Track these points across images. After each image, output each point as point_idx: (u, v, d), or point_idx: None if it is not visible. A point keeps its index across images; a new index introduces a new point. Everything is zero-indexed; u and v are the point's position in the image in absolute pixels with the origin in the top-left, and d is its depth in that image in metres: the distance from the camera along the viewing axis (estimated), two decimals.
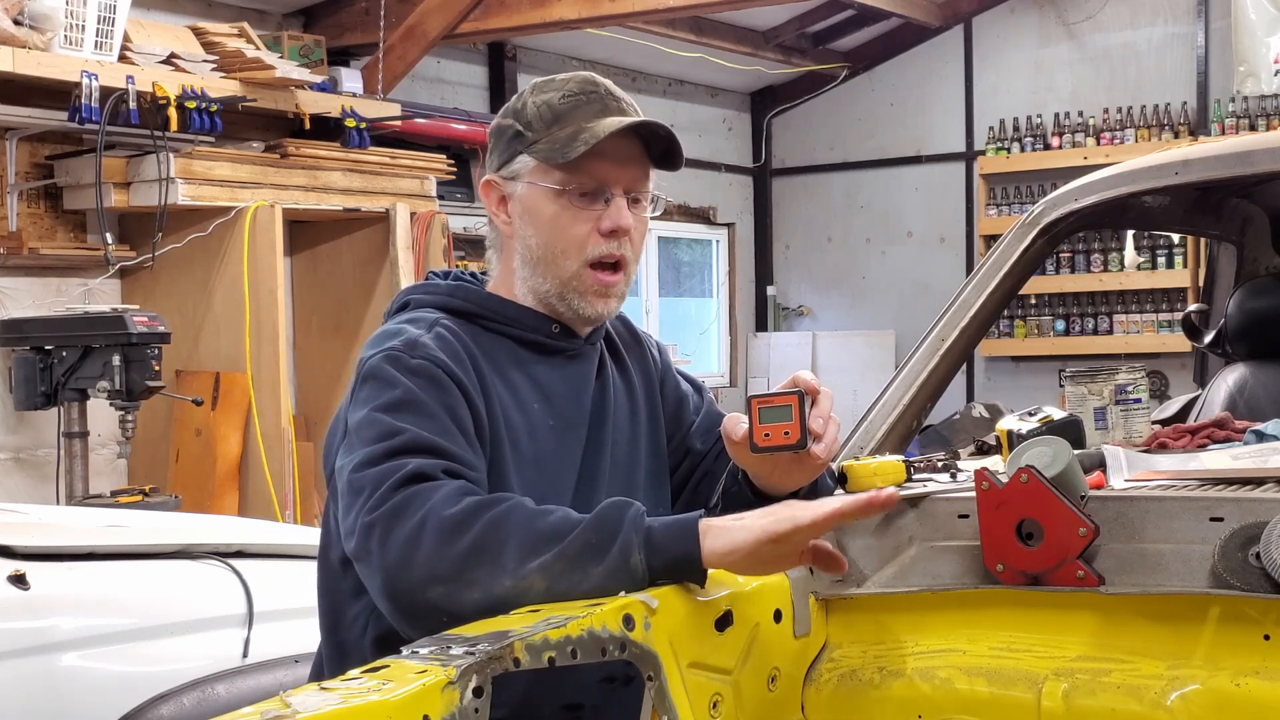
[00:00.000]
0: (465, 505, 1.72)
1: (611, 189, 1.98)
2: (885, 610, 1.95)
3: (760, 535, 1.73)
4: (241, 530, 3.63)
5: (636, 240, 2.02)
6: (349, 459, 1.83)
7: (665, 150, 2.02)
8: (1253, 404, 3.27)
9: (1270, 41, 8.99)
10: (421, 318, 1.98)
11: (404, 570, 1.70)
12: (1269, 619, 1.70)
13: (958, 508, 1.98)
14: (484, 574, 1.68)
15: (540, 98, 2.02)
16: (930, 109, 10.52)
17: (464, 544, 1.69)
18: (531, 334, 2.02)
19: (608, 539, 1.70)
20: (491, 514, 1.71)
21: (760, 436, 1.87)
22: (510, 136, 2.03)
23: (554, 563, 1.68)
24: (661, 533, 1.73)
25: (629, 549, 1.70)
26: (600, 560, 1.69)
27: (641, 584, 1.70)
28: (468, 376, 1.91)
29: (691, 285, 11.22)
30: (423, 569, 1.69)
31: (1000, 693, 1.80)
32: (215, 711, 2.58)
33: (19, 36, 5.34)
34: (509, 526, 1.70)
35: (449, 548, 1.69)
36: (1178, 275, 9.36)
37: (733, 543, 1.73)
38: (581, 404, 2.04)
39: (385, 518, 1.73)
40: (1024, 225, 2.76)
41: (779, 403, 1.88)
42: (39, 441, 5.85)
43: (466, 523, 1.70)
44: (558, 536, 1.70)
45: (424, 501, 1.72)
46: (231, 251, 6.01)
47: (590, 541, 1.70)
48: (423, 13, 7.28)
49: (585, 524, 1.71)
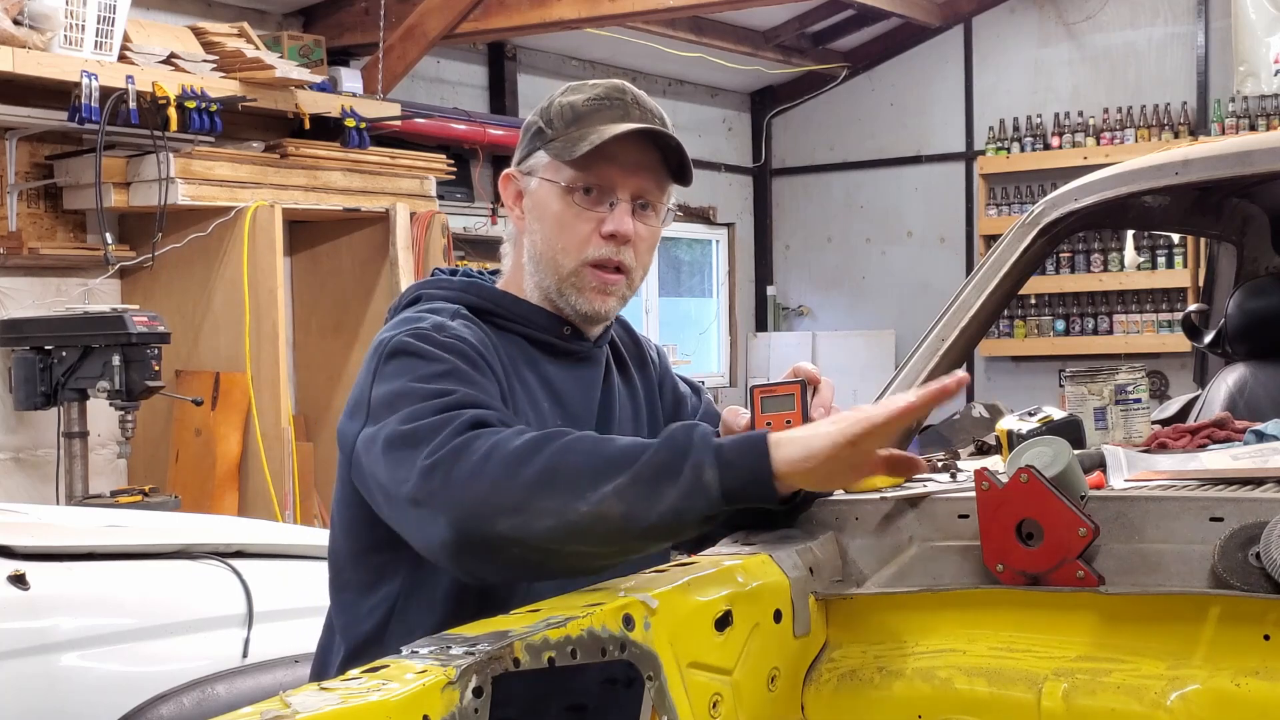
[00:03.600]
0: (530, 437, 1.68)
1: (617, 193, 1.98)
2: (885, 610, 1.94)
3: (837, 438, 1.67)
4: (241, 530, 3.63)
5: (642, 249, 2.01)
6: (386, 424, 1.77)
7: (679, 163, 2.01)
8: (1253, 404, 3.27)
9: (1270, 41, 9.00)
10: (442, 308, 1.97)
11: (472, 504, 1.66)
12: (1269, 619, 1.70)
13: (958, 508, 1.98)
14: (557, 502, 1.65)
15: (567, 99, 2.02)
16: (930, 109, 10.52)
17: (533, 472, 1.65)
18: (544, 334, 2.02)
19: (679, 458, 1.66)
20: (559, 443, 1.68)
21: (762, 425, 1.87)
22: (533, 133, 2.03)
23: (629, 485, 1.65)
24: (732, 447, 1.69)
25: (701, 466, 1.66)
26: (674, 480, 1.66)
27: (716, 504, 1.67)
28: (496, 364, 1.91)
29: (691, 285, 11.22)
30: (491, 501, 1.65)
31: (1000, 693, 1.79)
32: (215, 711, 2.58)
33: (19, 36, 5.34)
34: (578, 454, 1.67)
35: (517, 478, 1.65)
36: (1178, 275, 9.36)
37: (808, 450, 1.68)
38: (589, 406, 2.05)
39: (448, 458, 1.68)
40: (1024, 225, 2.75)
41: (781, 392, 1.88)
42: (39, 441, 5.85)
43: (534, 451, 1.67)
44: (629, 459, 1.67)
45: (488, 439, 1.68)
46: (231, 251, 6.01)
47: (663, 461, 1.66)
48: (423, 13, 7.28)
49: (656, 446, 1.68)
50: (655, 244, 2.05)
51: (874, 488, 2.11)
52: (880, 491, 2.09)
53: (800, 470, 1.69)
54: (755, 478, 1.68)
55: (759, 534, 2.03)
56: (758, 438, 1.70)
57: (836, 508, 2.07)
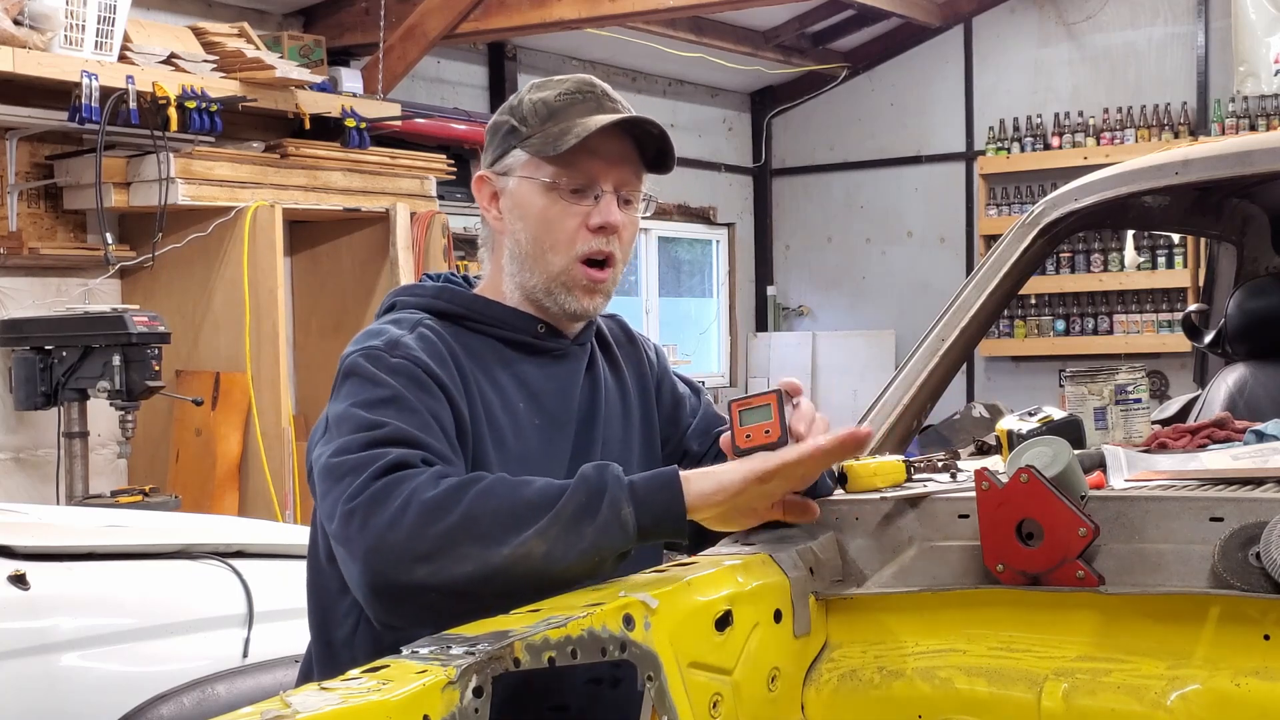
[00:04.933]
0: (448, 485, 1.71)
1: (602, 185, 1.99)
2: (885, 610, 1.94)
3: (748, 475, 1.76)
4: (241, 530, 3.63)
5: (625, 239, 2.02)
6: (325, 450, 1.82)
7: (658, 152, 2.02)
8: (1253, 404, 3.27)
9: (1270, 41, 9.00)
10: (405, 318, 1.98)
11: (387, 552, 1.68)
12: (1269, 619, 1.70)
13: (958, 508, 1.98)
14: (478, 547, 1.67)
15: (537, 95, 2.03)
16: (930, 109, 10.52)
17: (451, 520, 1.68)
18: (517, 334, 2.02)
19: (596, 497, 1.72)
20: (477, 489, 1.71)
21: (742, 438, 1.89)
22: (505, 132, 2.04)
23: (549, 526, 1.69)
24: (645, 484, 1.75)
25: (618, 504, 1.71)
26: (593, 519, 1.70)
27: (631, 540, 1.73)
28: (450, 376, 1.90)
29: (691, 285, 11.22)
30: (406, 549, 1.67)
31: (1000, 693, 1.79)
32: (215, 711, 2.58)
33: (19, 36, 5.34)
34: (497, 499, 1.71)
35: (434, 526, 1.67)
36: (1178, 275, 9.37)
37: (719, 483, 1.75)
38: (569, 403, 2.04)
39: (366, 504, 1.71)
40: (1024, 225, 2.75)
41: (757, 403, 1.90)
42: (39, 441, 5.85)
43: (452, 499, 1.69)
44: (548, 501, 1.71)
45: (406, 485, 1.71)
46: (231, 251, 6.01)
47: (581, 502, 1.71)
48: (423, 13, 7.28)
49: (573, 487, 1.72)
50: (635, 234, 2.07)
51: (873, 487, 2.11)
52: (880, 491, 2.09)
53: (711, 504, 1.76)
54: (669, 512, 1.74)
55: (759, 534, 2.03)
56: (670, 474, 1.76)
57: (837, 508, 2.07)
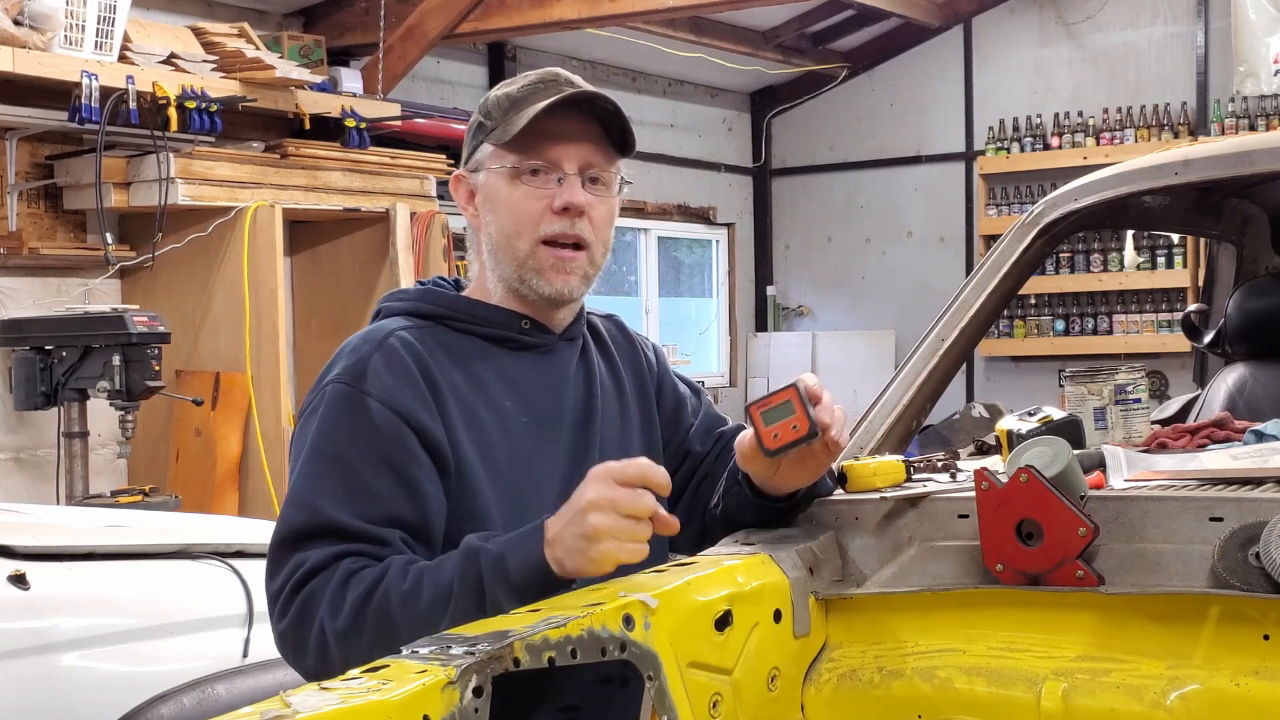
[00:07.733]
0: (348, 606, 1.77)
1: (564, 166, 1.98)
2: (885, 610, 1.95)
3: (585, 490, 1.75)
4: (241, 530, 3.63)
5: (598, 221, 2.01)
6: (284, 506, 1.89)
7: (620, 131, 2.02)
8: (1253, 404, 3.27)
9: (1270, 41, 8.99)
10: (381, 327, 1.98)
11: (314, 674, 1.77)
12: (1269, 619, 1.70)
13: (958, 508, 1.98)
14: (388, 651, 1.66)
15: (502, 90, 2.04)
16: (930, 109, 10.52)
17: (364, 641, 1.75)
18: (500, 330, 2.02)
19: (479, 596, 1.74)
20: (372, 608, 1.76)
21: (770, 439, 1.87)
22: (474, 129, 2.06)
23: (449, 624, 1.71)
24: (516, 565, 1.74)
25: (497, 600, 1.72)
26: (481, 611, 1.72)
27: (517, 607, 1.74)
28: (416, 395, 1.89)
29: (691, 285, 11.22)
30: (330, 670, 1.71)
31: (1000, 693, 1.80)
32: (215, 711, 2.58)
33: (19, 36, 5.34)
34: (394, 619, 1.75)
35: (348, 649, 1.75)
36: (1178, 275, 9.37)
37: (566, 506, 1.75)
38: (559, 401, 2.03)
39: (292, 628, 1.82)
40: (1024, 225, 2.76)
41: (776, 401, 1.88)
42: (39, 441, 5.85)
43: (355, 627, 1.76)
44: (440, 607, 1.74)
45: (318, 606, 1.79)
46: (231, 251, 6.01)
47: (467, 604, 1.73)
48: (423, 13, 7.28)
49: (456, 591, 1.74)
50: (613, 218, 2.05)
51: (873, 487, 2.11)
52: (880, 491, 2.09)
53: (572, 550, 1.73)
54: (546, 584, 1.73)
55: (759, 534, 2.03)
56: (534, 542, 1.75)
57: (837, 508, 2.07)
